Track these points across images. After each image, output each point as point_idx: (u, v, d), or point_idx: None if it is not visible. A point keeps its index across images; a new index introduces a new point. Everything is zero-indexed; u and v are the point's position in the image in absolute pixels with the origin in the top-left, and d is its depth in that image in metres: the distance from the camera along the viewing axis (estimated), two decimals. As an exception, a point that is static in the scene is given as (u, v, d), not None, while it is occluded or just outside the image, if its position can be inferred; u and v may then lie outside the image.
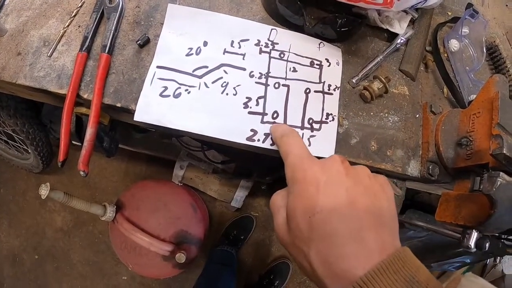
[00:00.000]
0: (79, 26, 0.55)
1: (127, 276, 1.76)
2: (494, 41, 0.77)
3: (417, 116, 0.65)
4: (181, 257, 1.22)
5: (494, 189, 0.47)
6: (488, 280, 1.74)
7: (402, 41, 0.66)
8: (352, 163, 0.58)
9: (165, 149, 1.55)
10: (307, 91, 0.59)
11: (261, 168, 1.48)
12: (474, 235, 0.51)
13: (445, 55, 0.72)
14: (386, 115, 0.63)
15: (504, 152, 0.46)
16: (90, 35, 0.53)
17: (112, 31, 0.53)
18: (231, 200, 1.71)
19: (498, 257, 1.77)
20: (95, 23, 0.54)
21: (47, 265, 1.73)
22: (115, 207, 1.22)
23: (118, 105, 0.52)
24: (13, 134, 1.21)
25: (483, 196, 0.49)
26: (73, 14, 0.55)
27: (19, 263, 1.72)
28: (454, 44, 0.72)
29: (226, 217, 1.87)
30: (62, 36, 0.54)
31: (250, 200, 1.88)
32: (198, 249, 1.38)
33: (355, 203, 0.35)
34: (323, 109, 0.59)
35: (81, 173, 0.51)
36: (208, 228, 1.51)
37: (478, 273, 1.85)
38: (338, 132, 0.59)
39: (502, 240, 0.98)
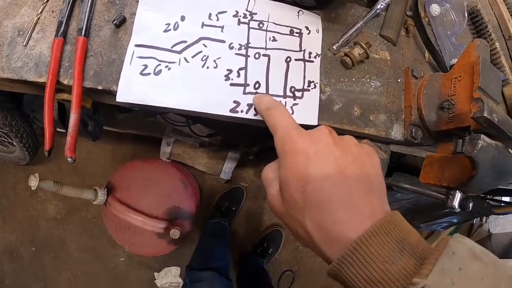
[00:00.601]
0: (52, 11, 0.53)
1: (124, 257, 1.79)
2: (476, 6, 0.76)
3: (399, 80, 0.66)
4: (175, 233, 1.24)
5: (475, 151, 0.49)
6: (475, 239, 1.81)
7: (382, 6, 0.66)
8: (336, 129, 0.59)
9: (151, 127, 1.54)
10: (288, 59, 0.59)
11: (247, 138, 1.49)
12: (458, 195, 0.53)
13: (426, 19, 0.72)
14: (368, 80, 0.64)
15: (485, 115, 0.47)
16: (65, 20, 0.51)
17: (87, 13, 0.52)
18: (220, 173, 1.73)
19: (485, 217, 1.82)
20: (69, 6, 0.52)
21: (45, 255, 1.74)
22: (106, 190, 1.22)
23: (99, 87, 0.51)
24: (-5, 129, 1.18)
25: (465, 158, 0.51)
26: (45, 0, 0.53)
27: (17, 257, 1.73)
28: (435, 9, 0.72)
29: (217, 190, 1.88)
30: (36, 23, 0.52)
31: (239, 171, 1.90)
32: (191, 224, 1.40)
33: (345, 172, 0.37)
34: (304, 77, 0.59)
35: (69, 159, 0.50)
36: (200, 202, 1.53)
37: (465, 233, 1.93)
38: (320, 99, 0.59)
39: (488, 201, 1.01)
